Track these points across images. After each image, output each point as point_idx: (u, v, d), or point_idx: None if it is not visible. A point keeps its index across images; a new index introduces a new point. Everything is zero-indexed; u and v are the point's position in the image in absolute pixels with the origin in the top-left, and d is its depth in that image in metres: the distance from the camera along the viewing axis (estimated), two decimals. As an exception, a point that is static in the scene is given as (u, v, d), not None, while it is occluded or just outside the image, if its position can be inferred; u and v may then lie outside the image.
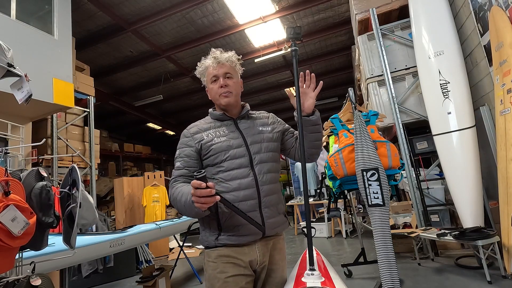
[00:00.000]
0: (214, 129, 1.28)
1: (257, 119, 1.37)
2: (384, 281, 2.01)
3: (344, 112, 3.35)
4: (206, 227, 1.24)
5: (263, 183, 1.23)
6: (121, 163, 10.03)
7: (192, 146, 1.24)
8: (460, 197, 3.15)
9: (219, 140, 1.24)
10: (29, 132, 3.77)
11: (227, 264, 1.17)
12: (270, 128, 1.35)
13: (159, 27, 5.56)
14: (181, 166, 1.22)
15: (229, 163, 1.21)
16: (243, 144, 1.25)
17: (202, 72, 1.34)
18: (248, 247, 1.20)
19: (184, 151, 1.25)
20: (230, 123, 1.31)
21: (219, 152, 1.22)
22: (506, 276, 2.58)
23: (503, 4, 2.63)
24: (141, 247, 4.91)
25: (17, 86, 1.71)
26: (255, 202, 1.20)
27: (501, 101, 2.63)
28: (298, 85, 1.19)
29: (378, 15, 4.08)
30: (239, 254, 1.18)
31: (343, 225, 5.57)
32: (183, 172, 1.22)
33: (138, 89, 7.98)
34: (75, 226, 1.58)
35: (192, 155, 1.24)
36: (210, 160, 1.23)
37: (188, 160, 1.23)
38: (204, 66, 1.33)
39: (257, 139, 1.28)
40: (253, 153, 1.24)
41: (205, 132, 1.27)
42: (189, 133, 1.28)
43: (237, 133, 1.28)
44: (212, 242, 1.20)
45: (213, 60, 1.30)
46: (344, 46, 6.89)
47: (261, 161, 1.25)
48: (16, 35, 3.22)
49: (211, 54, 1.33)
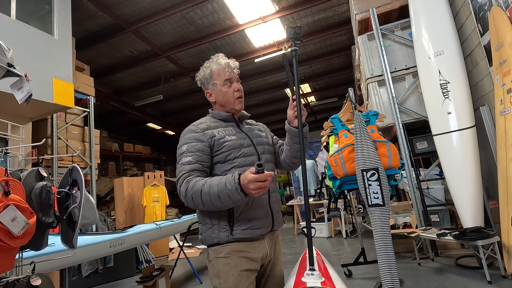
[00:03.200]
0: (222, 128, 1.31)
1: (253, 125, 1.47)
2: (384, 281, 2.01)
3: (344, 112, 3.35)
4: (214, 224, 1.23)
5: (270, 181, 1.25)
6: (121, 163, 10.03)
7: (205, 141, 1.24)
8: (460, 197, 3.15)
9: (231, 138, 1.27)
10: (29, 132, 3.77)
11: (241, 259, 1.19)
12: (265, 134, 1.46)
13: (159, 27, 5.56)
14: (193, 160, 1.20)
15: (241, 160, 1.25)
16: (251, 144, 1.32)
17: (209, 74, 1.35)
18: (258, 241, 1.25)
19: (196, 145, 1.22)
20: (234, 124, 1.37)
21: (233, 149, 1.25)
22: (506, 276, 2.58)
23: (503, 4, 2.63)
24: (141, 247, 4.91)
25: (17, 86, 1.71)
26: (265, 197, 1.27)
27: (501, 101, 2.63)
28: (298, 84, 1.20)
29: (378, 15, 4.08)
30: (251, 249, 1.22)
31: (343, 225, 5.57)
32: (197, 166, 1.19)
33: (138, 89, 7.97)
34: (77, 226, 1.57)
35: (204, 149, 1.23)
36: (222, 156, 1.24)
37: (200, 154, 1.21)
38: (214, 68, 1.34)
39: (260, 141, 1.37)
40: (260, 153, 1.32)
41: (215, 130, 1.29)
42: (199, 129, 1.27)
43: (243, 134, 1.34)
44: (224, 238, 1.20)
45: (226, 64, 1.34)
46: (344, 46, 6.89)
47: (267, 161, 1.34)
48: (16, 35, 3.22)
49: (222, 58, 1.36)
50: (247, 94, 9.29)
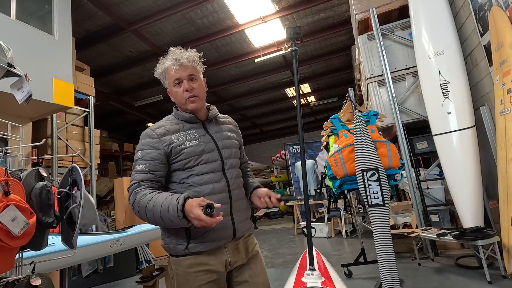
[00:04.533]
0: (184, 132, 1.21)
1: (224, 124, 1.35)
2: (384, 281, 2.02)
3: (344, 112, 3.35)
4: (172, 235, 1.17)
5: (234, 188, 1.22)
6: (121, 163, 10.03)
7: (160, 148, 1.15)
8: (460, 197, 3.15)
9: (191, 144, 1.18)
10: (29, 132, 3.77)
11: (199, 273, 1.13)
12: (236, 135, 1.35)
13: (159, 27, 5.56)
14: (145, 169, 1.13)
15: (201, 167, 1.17)
16: (215, 149, 1.22)
17: (162, 73, 1.25)
18: (218, 250, 1.18)
19: (150, 153, 1.15)
20: (199, 126, 1.26)
21: (192, 157, 1.16)
22: (506, 276, 2.58)
23: (503, 4, 2.63)
24: (141, 247, 4.91)
25: (17, 86, 1.71)
26: (227, 207, 1.18)
27: (501, 101, 2.63)
28: (298, 85, 1.20)
29: (378, 15, 4.08)
30: (210, 260, 1.15)
31: (343, 225, 5.57)
32: (148, 176, 1.13)
33: (138, 89, 7.98)
34: (77, 226, 1.58)
35: (159, 158, 1.15)
36: (181, 164, 1.16)
37: (154, 163, 1.14)
38: (164, 67, 1.23)
39: (227, 144, 1.27)
40: (224, 158, 1.23)
41: (174, 135, 1.19)
42: (155, 134, 1.18)
43: (207, 136, 1.24)
44: (181, 251, 1.15)
45: (174, 61, 1.20)
46: (344, 46, 6.89)
47: (232, 166, 1.25)
48: (16, 35, 3.22)
49: (171, 54, 1.24)
50: (247, 94, 9.37)
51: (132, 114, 9.25)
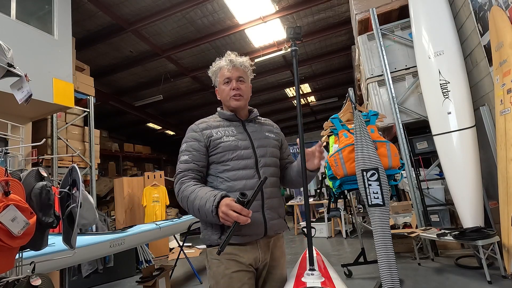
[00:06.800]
0: (223, 128, 1.31)
1: (264, 125, 1.42)
2: (384, 281, 2.02)
3: (344, 112, 3.35)
4: (208, 226, 1.25)
5: (267, 186, 1.25)
6: (121, 163, 10.03)
7: (202, 140, 1.26)
8: (460, 197, 3.15)
9: (228, 139, 1.27)
10: (29, 132, 3.77)
11: (230, 261, 1.20)
12: (275, 136, 1.41)
13: (159, 27, 5.56)
14: (189, 159, 1.24)
15: (235, 163, 1.24)
16: (250, 146, 1.28)
17: (215, 71, 1.38)
18: (250, 245, 1.23)
19: (193, 145, 1.26)
20: (238, 124, 1.35)
21: (227, 151, 1.24)
22: (506, 276, 2.58)
23: (503, 4, 2.63)
24: (141, 247, 4.91)
25: (17, 86, 1.71)
26: (258, 204, 1.22)
27: (501, 101, 2.63)
28: (298, 85, 1.20)
29: (378, 15, 4.08)
30: (241, 252, 1.21)
31: (343, 225, 5.57)
32: (192, 166, 1.23)
33: (138, 89, 7.97)
34: (76, 226, 1.58)
35: (201, 149, 1.25)
36: (217, 157, 1.25)
37: (196, 154, 1.25)
38: (218, 66, 1.36)
39: (263, 143, 1.33)
40: (259, 156, 1.28)
41: (214, 129, 1.29)
42: (198, 128, 1.30)
43: (245, 134, 1.31)
44: (214, 241, 1.22)
45: (228, 62, 1.33)
46: (344, 46, 6.89)
47: (266, 165, 1.29)
48: (16, 35, 3.22)
49: (227, 56, 1.36)
50: (247, 94, 9.38)
51: (132, 114, 9.24)
